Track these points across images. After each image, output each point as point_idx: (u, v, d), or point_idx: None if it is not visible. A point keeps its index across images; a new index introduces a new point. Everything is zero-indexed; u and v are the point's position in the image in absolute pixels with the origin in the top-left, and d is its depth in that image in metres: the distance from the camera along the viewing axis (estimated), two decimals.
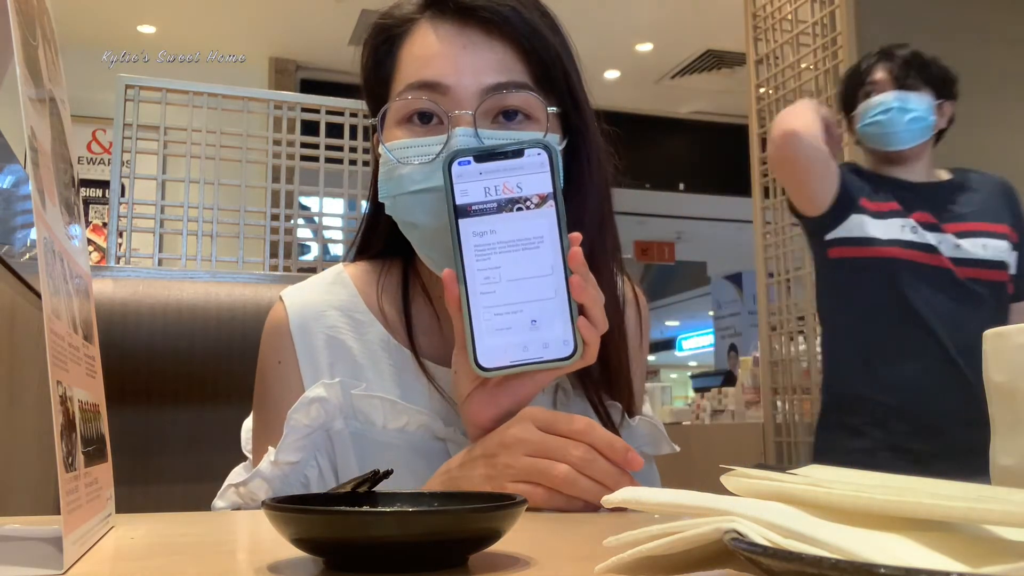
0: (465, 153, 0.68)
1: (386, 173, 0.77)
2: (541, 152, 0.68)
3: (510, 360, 0.66)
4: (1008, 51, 3.44)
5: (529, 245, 0.67)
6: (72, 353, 0.47)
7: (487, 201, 0.67)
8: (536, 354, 0.66)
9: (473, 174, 0.67)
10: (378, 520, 0.40)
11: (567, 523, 0.61)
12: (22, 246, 1.69)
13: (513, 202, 0.67)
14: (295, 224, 1.91)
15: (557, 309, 0.66)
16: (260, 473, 0.77)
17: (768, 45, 3.38)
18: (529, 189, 0.67)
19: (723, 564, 0.33)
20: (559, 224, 0.67)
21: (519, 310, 0.66)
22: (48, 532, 0.48)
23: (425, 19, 0.78)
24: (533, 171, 0.67)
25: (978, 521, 0.28)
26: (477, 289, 0.66)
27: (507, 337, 0.66)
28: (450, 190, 0.67)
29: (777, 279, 3.28)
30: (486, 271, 0.66)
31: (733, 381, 4.96)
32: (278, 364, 0.82)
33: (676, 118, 6.77)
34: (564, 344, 0.66)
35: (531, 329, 0.66)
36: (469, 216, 0.67)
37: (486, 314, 0.66)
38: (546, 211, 0.67)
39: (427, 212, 0.74)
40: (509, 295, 0.66)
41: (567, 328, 0.66)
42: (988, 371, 0.47)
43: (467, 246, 0.67)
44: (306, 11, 5.17)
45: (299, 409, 0.76)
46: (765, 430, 3.30)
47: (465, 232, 0.67)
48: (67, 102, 0.55)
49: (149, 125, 1.75)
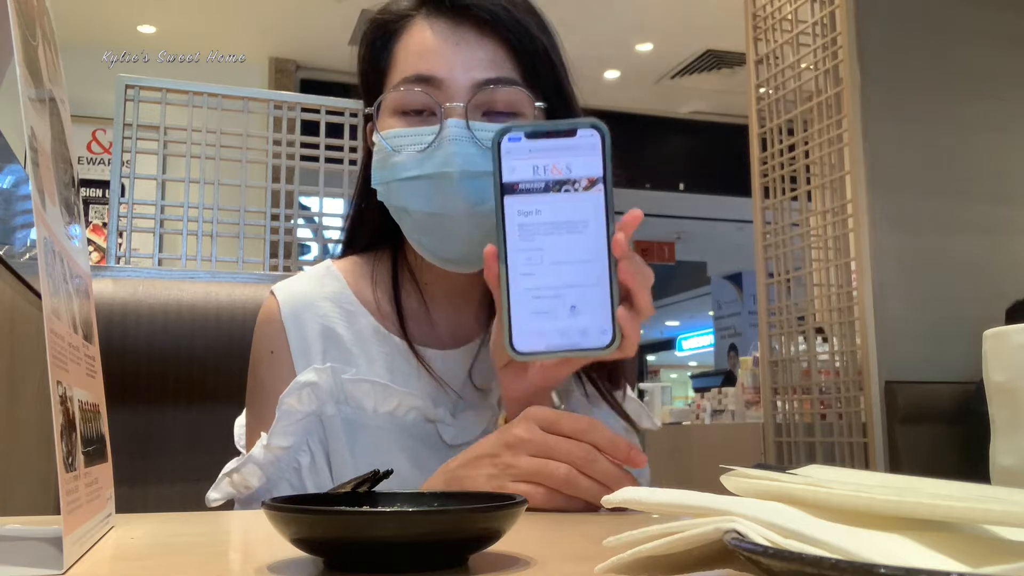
0: (516, 130, 0.66)
1: (380, 161, 0.80)
2: (594, 134, 0.65)
3: (545, 345, 0.65)
4: (1009, 51, 3.44)
5: (574, 228, 0.65)
6: (72, 353, 0.47)
7: (535, 180, 0.65)
8: (573, 342, 0.65)
9: (522, 151, 0.66)
10: (378, 520, 0.40)
11: (567, 523, 0.61)
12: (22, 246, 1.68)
13: (561, 183, 0.65)
14: (295, 224, 1.91)
15: (598, 296, 0.64)
16: (253, 458, 0.78)
17: (768, 45, 3.37)
18: (578, 171, 0.65)
19: (723, 564, 0.33)
20: (607, 209, 0.65)
21: (559, 294, 0.65)
22: (48, 532, 0.48)
23: (420, 16, 0.82)
24: (584, 153, 0.65)
25: (978, 521, 0.28)
26: (519, 270, 0.65)
27: (545, 322, 0.65)
28: (498, 166, 0.65)
29: (777, 279, 3.28)
30: (528, 252, 0.65)
31: (733, 381, 4.96)
32: (270, 354, 0.84)
33: (676, 118, 6.77)
34: (602, 333, 0.64)
35: (570, 315, 0.64)
36: (515, 194, 0.65)
37: (525, 296, 0.65)
38: (594, 195, 0.65)
39: (419, 199, 0.78)
40: (550, 278, 0.65)
41: (607, 317, 0.64)
42: (988, 371, 0.47)
43: (511, 225, 0.65)
44: (306, 11, 5.17)
45: (291, 394, 0.78)
46: (765, 430, 3.30)
47: (510, 210, 0.65)
48: (67, 102, 0.55)
49: (149, 125, 1.75)
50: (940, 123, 3.32)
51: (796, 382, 3.20)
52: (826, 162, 3.12)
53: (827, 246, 3.13)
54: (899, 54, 3.27)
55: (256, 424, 0.84)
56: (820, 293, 3.16)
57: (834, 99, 3.06)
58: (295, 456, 0.79)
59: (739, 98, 3.97)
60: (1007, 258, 3.34)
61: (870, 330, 2.97)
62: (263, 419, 0.82)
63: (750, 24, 3.44)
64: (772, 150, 3.31)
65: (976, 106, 3.37)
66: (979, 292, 3.18)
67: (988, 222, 3.33)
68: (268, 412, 0.80)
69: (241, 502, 0.80)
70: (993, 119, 3.39)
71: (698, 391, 5.97)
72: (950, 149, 3.33)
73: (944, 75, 3.34)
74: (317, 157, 1.86)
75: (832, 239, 3.10)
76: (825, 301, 3.14)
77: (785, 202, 3.27)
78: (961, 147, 3.34)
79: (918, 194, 3.25)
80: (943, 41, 3.35)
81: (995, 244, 3.33)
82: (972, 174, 3.34)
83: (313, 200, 2.00)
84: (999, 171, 3.39)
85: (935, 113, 3.31)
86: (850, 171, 3.04)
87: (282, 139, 1.83)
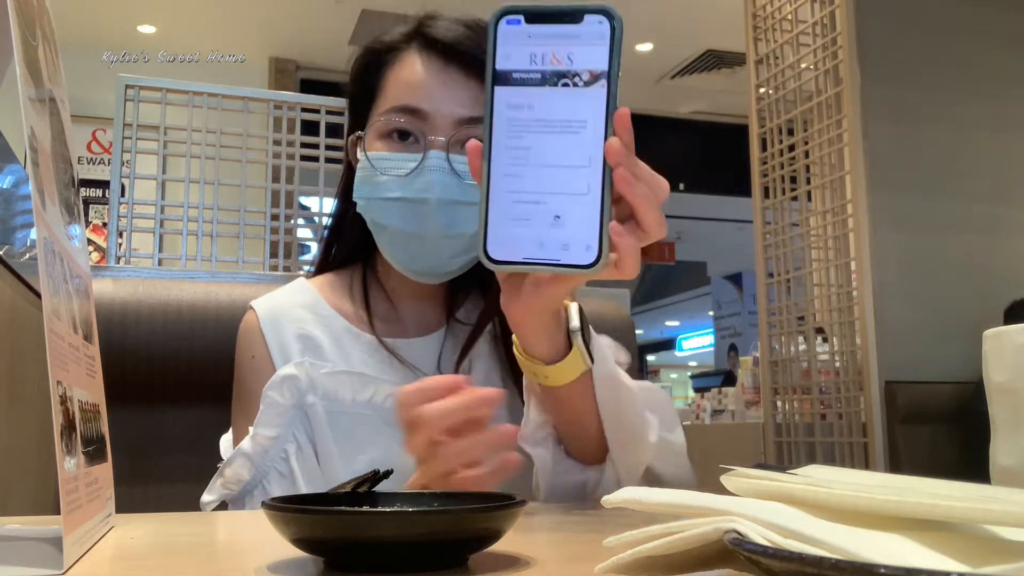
0: (516, 11, 0.58)
1: (364, 178, 0.86)
2: (603, 21, 0.57)
3: (522, 256, 0.58)
4: (1009, 50, 3.44)
5: (568, 128, 0.57)
6: (72, 353, 0.47)
7: (530, 70, 0.58)
8: (552, 255, 0.57)
9: (520, 36, 0.58)
10: (378, 520, 0.40)
11: (567, 523, 0.61)
12: (22, 246, 1.69)
13: (559, 75, 0.57)
14: (295, 224, 1.90)
15: (586, 207, 0.57)
16: (241, 450, 0.82)
17: (768, 45, 3.37)
18: (580, 63, 0.57)
19: (723, 564, 0.33)
20: (607, 110, 0.57)
21: (543, 201, 0.57)
22: (48, 532, 0.48)
23: (413, 49, 0.88)
24: (589, 42, 0.57)
25: (978, 521, 0.28)
26: (501, 169, 0.58)
27: (524, 229, 0.58)
28: (492, 51, 0.58)
29: (777, 279, 3.28)
30: (514, 150, 0.58)
31: (733, 381, 4.96)
32: (251, 359, 0.90)
33: (676, 118, 6.77)
34: (586, 249, 0.57)
35: (552, 225, 0.57)
36: (508, 84, 0.58)
37: (506, 199, 0.58)
38: (595, 92, 0.57)
39: (399, 218, 0.84)
40: (535, 182, 0.58)
41: (593, 231, 0.57)
42: (988, 371, 0.47)
43: (499, 119, 0.58)
44: (306, 11, 5.17)
45: (272, 387, 0.83)
46: (765, 430, 3.30)
47: (500, 102, 0.58)
48: (67, 102, 0.55)
49: (149, 125, 1.74)
50: (940, 123, 3.32)
51: (796, 382, 3.20)
52: (826, 162, 3.12)
53: (827, 246, 3.13)
54: (899, 54, 3.27)
55: (243, 425, 0.86)
56: (820, 293, 3.16)
57: (834, 99, 3.06)
58: (282, 446, 0.83)
59: (739, 98, 3.97)
60: (1007, 258, 3.34)
61: (870, 330, 2.97)
62: (249, 419, 0.85)
63: (750, 24, 3.44)
64: (772, 150, 3.31)
65: (976, 106, 3.37)
66: (979, 292, 3.18)
67: (988, 222, 3.33)
68: (253, 412, 0.84)
69: (234, 500, 0.83)
70: (993, 119, 3.39)
71: (698, 391, 5.97)
72: (950, 149, 3.33)
73: (944, 75, 3.34)
74: (317, 157, 1.86)
75: (832, 239, 3.10)
76: (825, 301, 3.14)
77: (785, 202, 3.27)
78: (961, 147, 3.34)
79: (918, 194, 3.24)
80: (943, 41, 3.35)
81: (995, 244, 3.33)
82: (972, 174, 3.34)
83: (313, 200, 2.00)
84: (999, 171, 3.39)
85: (935, 113, 3.31)
86: (850, 171, 3.04)
87: (282, 139, 1.83)
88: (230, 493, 0.82)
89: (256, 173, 1.88)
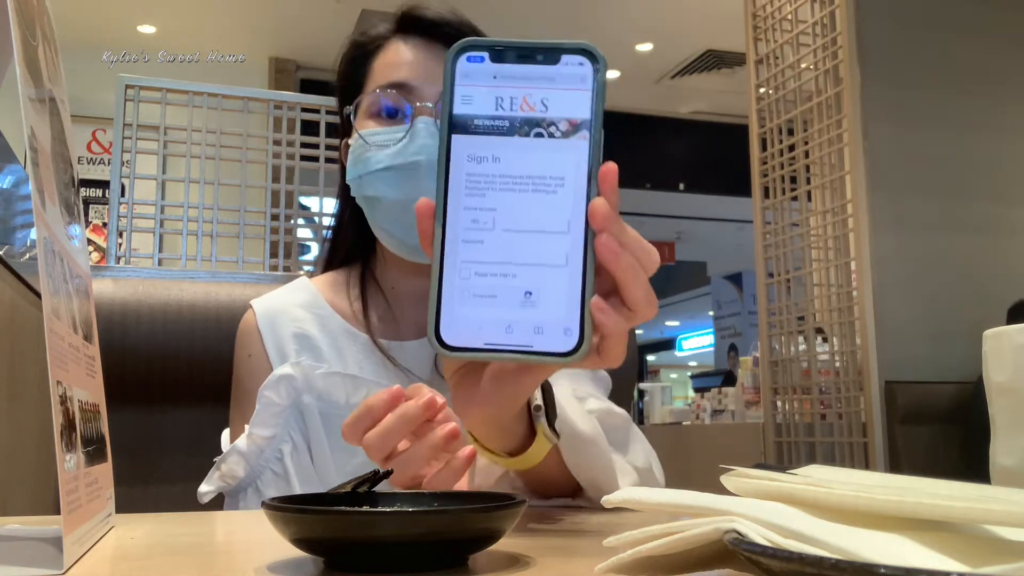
0: (478, 47, 0.49)
1: (355, 158, 0.87)
2: (584, 62, 0.48)
3: (484, 341, 0.46)
4: (1009, 51, 3.44)
5: (543, 186, 0.47)
6: (72, 353, 0.47)
7: (496, 116, 0.48)
8: (523, 340, 0.46)
9: (483, 76, 0.48)
10: (378, 520, 0.40)
11: (567, 523, 0.61)
12: (22, 246, 1.69)
13: (532, 123, 0.48)
14: (295, 224, 1.91)
15: (564, 282, 0.46)
16: (236, 448, 0.82)
17: (768, 45, 3.37)
18: (557, 110, 0.48)
19: (723, 564, 0.33)
20: (590, 166, 0.47)
21: (511, 273, 0.47)
22: (48, 532, 0.48)
23: (396, 37, 0.91)
24: (567, 86, 0.48)
25: (978, 521, 0.28)
26: (458, 234, 0.47)
27: (487, 308, 0.46)
28: (449, 92, 0.48)
29: (777, 279, 3.28)
30: (475, 211, 0.47)
31: (733, 381, 4.96)
32: (248, 358, 0.90)
33: (676, 118, 6.77)
34: (564, 333, 0.46)
35: (523, 304, 0.46)
36: (468, 133, 0.48)
37: (464, 271, 0.47)
38: (576, 144, 0.47)
39: (388, 186, 0.84)
40: (501, 251, 0.47)
41: (573, 311, 0.46)
42: (988, 371, 0.47)
43: (456, 172, 0.48)
44: (306, 11, 5.17)
45: (269, 386, 0.84)
46: (765, 430, 3.30)
47: (458, 153, 0.48)
48: (67, 102, 0.55)
49: (149, 125, 1.74)
50: (940, 123, 3.32)
51: (796, 382, 3.20)
52: (826, 162, 3.13)
53: (827, 246, 3.13)
54: (899, 54, 3.27)
55: (239, 423, 0.87)
56: (820, 293, 3.16)
57: (834, 99, 3.06)
58: (277, 446, 0.83)
59: (739, 98, 3.97)
60: (1007, 258, 3.34)
61: (870, 330, 2.97)
62: (246, 418, 0.86)
63: (750, 24, 3.44)
64: (772, 150, 3.31)
65: (977, 106, 3.37)
66: (979, 292, 3.18)
67: (988, 222, 3.33)
68: (250, 410, 0.85)
69: (230, 494, 0.84)
70: (994, 119, 3.39)
71: (698, 391, 5.97)
72: (950, 149, 3.33)
73: (945, 75, 3.34)
74: (317, 157, 1.86)
75: (832, 239, 3.10)
76: (825, 301, 3.14)
77: (785, 202, 3.27)
78: (961, 147, 3.34)
79: (918, 194, 3.25)
80: (943, 41, 3.35)
81: (995, 244, 3.33)
82: (972, 174, 3.34)
83: (313, 200, 2.00)
84: (999, 171, 3.39)
85: (935, 113, 3.31)
86: (850, 171, 3.04)
87: (282, 139, 1.83)
88: (227, 486, 0.83)
89: (256, 173, 1.88)
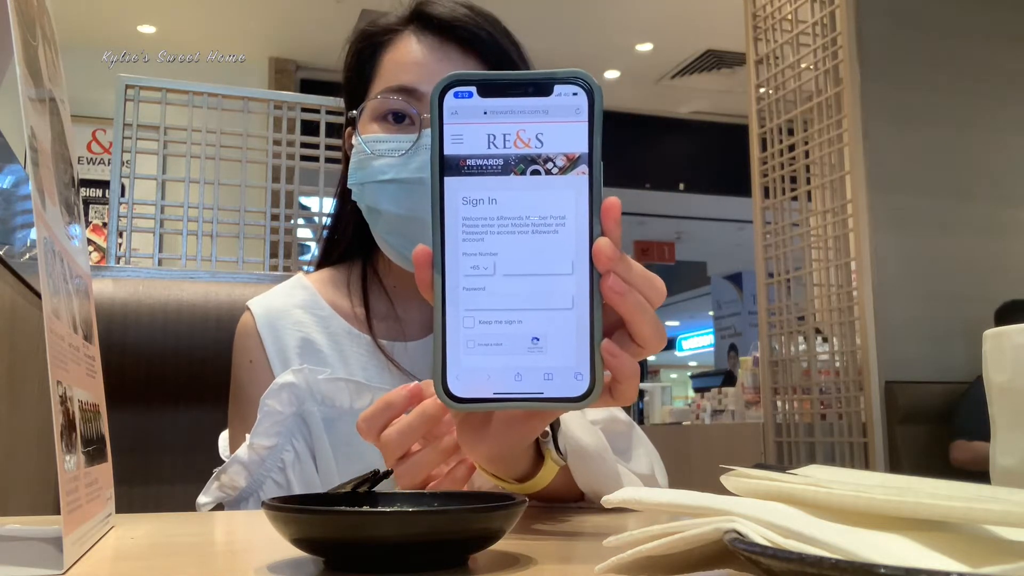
0: (466, 81, 0.47)
1: (358, 163, 0.84)
2: (578, 92, 0.46)
3: (493, 391, 0.45)
4: (1009, 50, 3.43)
5: (543, 227, 0.46)
6: (72, 353, 0.47)
7: (489, 155, 0.46)
8: (533, 387, 0.45)
9: (473, 113, 0.46)
10: (378, 520, 0.40)
11: (567, 523, 0.61)
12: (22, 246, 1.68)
13: (527, 161, 0.46)
14: (295, 224, 1.91)
15: (572, 325, 0.45)
16: (238, 458, 0.81)
17: (768, 45, 3.37)
18: (553, 144, 0.46)
19: (723, 564, 0.33)
20: (591, 202, 0.45)
21: (516, 320, 0.46)
22: (48, 532, 0.48)
23: (409, 31, 0.87)
24: (562, 118, 0.46)
25: (978, 521, 0.28)
26: (459, 282, 0.46)
27: (494, 357, 0.46)
28: (438, 132, 0.46)
29: (777, 279, 3.28)
30: (475, 257, 0.46)
31: (733, 381, 4.96)
32: (249, 363, 0.88)
33: (676, 118, 6.77)
34: (576, 378, 0.45)
35: (530, 350, 0.45)
36: (461, 174, 0.46)
37: (468, 321, 0.46)
38: (575, 180, 0.45)
39: (392, 201, 0.82)
40: (505, 297, 0.46)
41: (583, 354, 0.45)
42: (988, 371, 0.47)
43: (452, 218, 0.46)
44: (306, 11, 5.17)
45: (271, 395, 0.82)
46: (765, 430, 3.30)
47: (452, 197, 0.46)
48: (67, 102, 0.55)
49: (149, 125, 1.74)
50: (940, 123, 3.32)
51: (796, 382, 3.20)
52: (826, 162, 3.13)
53: (827, 246, 3.13)
54: (899, 54, 3.27)
55: (240, 430, 0.86)
56: (820, 293, 3.16)
57: (834, 99, 3.06)
58: (279, 455, 0.82)
59: (739, 98, 3.97)
60: (1007, 258, 3.34)
61: (870, 330, 2.97)
62: (246, 424, 0.84)
63: (750, 24, 3.44)
64: (772, 150, 3.31)
65: (976, 106, 3.37)
66: (979, 292, 3.18)
67: (988, 222, 3.33)
68: (251, 417, 0.83)
69: (229, 504, 0.82)
70: (993, 119, 3.39)
71: (698, 391, 5.97)
72: (950, 149, 3.33)
73: (944, 75, 3.34)
74: (317, 157, 1.86)
75: (832, 239, 3.11)
76: (825, 301, 3.14)
77: (785, 202, 3.27)
78: (961, 147, 3.34)
79: (918, 194, 3.25)
80: (943, 41, 3.35)
81: (995, 244, 3.33)
82: (972, 174, 3.34)
83: (313, 200, 2.00)
84: (999, 171, 3.39)
85: (935, 113, 3.31)
86: (850, 171, 3.04)
87: (282, 139, 1.83)
88: (226, 497, 0.81)
89: (256, 173, 1.88)
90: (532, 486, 0.61)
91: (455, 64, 0.83)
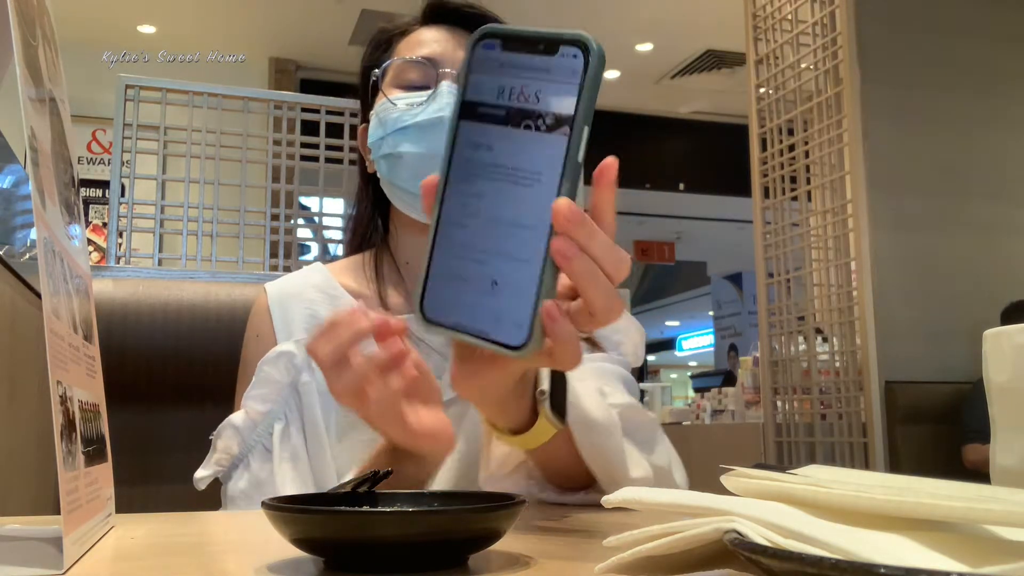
0: (496, 34, 0.49)
1: (379, 120, 0.89)
2: (577, 54, 0.47)
3: (454, 321, 0.48)
4: (1009, 50, 3.44)
5: (522, 179, 0.47)
6: (72, 353, 0.47)
7: (496, 105, 0.48)
8: (483, 326, 0.47)
9: (493, 65, 0.49)
10: (378, 520, 0.40)
11: (567, 523, 0.61)
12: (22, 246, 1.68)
13: (523, 115, 0.47)
14: (295, 224, 1.91)
15: (525, 278, 0.46)
16: (231, 423, 0.82)
17: (768, 45, 3.37)
18: (547, 103, 0.47)
19: (723, 564, 0.33)
20: (566, 162, 0.46)
21: (484, 261, 0.48)
22: (48, 532, 0.48)
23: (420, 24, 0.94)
24: (559, 79, 0.47)
25: (978, 521, 0.28)
26: (450, 216, 0.49)
27: (460, 290, 0.48)
28: (464, 79, 0.50)
29: (777, 279, 3.28)
30: (466, 197, 0.49)
31: (733, 381, 4.96)
32: (256, 338, 0.90)
33: (676, 118, 6.77)
34: (516, 328, 0.46)
35: (488, 292, 0.47)
36: (473, 119, 0.49)
37: (450, 252, 0.49)
38: (555, 139, 0.46)
39: (412, 141, 0.86)
40: (480, 237, 0.48)
41: (525, 308, 0.46)
42: (988, 371, 0.47)
43: (458, 157, 0.49)
44: (306, 11, 5.17)
45: (268, 361, 0.84)
46: (765, 430, 3.30)
47: (462, 138, 0.49)
48: (67, 102, 0.55)
49: (149, 125, 1.74)
50: (940, 123, 3.32)
51: (796, 382, 3.20)
52: (826, 162, 3.13)
53: (827, 246, 3.13)
54: (899, 54, 3.27)
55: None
56: (820, 293, 3.16)
57: (834, 99, 3.06)
58: (272, 422, 0.83)
59: (739, 98, 3.97)
60: (1007, 258, 3.34)
61: (870, 330, 2.97)
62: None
63: (750, 24, 3.44)
64: (772, 150, 3.31)
65: (976, 105, 3.37)
66: (979, 292, 3.18)
67: (988, 222, 3.33)
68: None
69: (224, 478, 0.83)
70: (993, 118, 3.40)
71: (698, 391, 5.96)
72: (950, 149, 3.33)
73: (944, 74, 3.34)
74: (317, 157, 1.86)
75: (832, 239, 3.10)
76: (825, 301, 3.14)
77: (785, 202, 3.27)
78: (961, 147, 3.34)
79: (918, 194, 3.25)
80: (943, 40, 3.35)
81: (995, 244, 3.33)
82: (972, 174, 3.34)
83: (313, 200, 2.00)
84: (999, 171, 3.39)
85: (935, 112, 3.31)
86: (850, 171, 3.04)
87: (282, 139, 1.83)
88: (222, 469, 0.83)
89: (256, 173, 1.88)
90: (525, 441, 0.63)
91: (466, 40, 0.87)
